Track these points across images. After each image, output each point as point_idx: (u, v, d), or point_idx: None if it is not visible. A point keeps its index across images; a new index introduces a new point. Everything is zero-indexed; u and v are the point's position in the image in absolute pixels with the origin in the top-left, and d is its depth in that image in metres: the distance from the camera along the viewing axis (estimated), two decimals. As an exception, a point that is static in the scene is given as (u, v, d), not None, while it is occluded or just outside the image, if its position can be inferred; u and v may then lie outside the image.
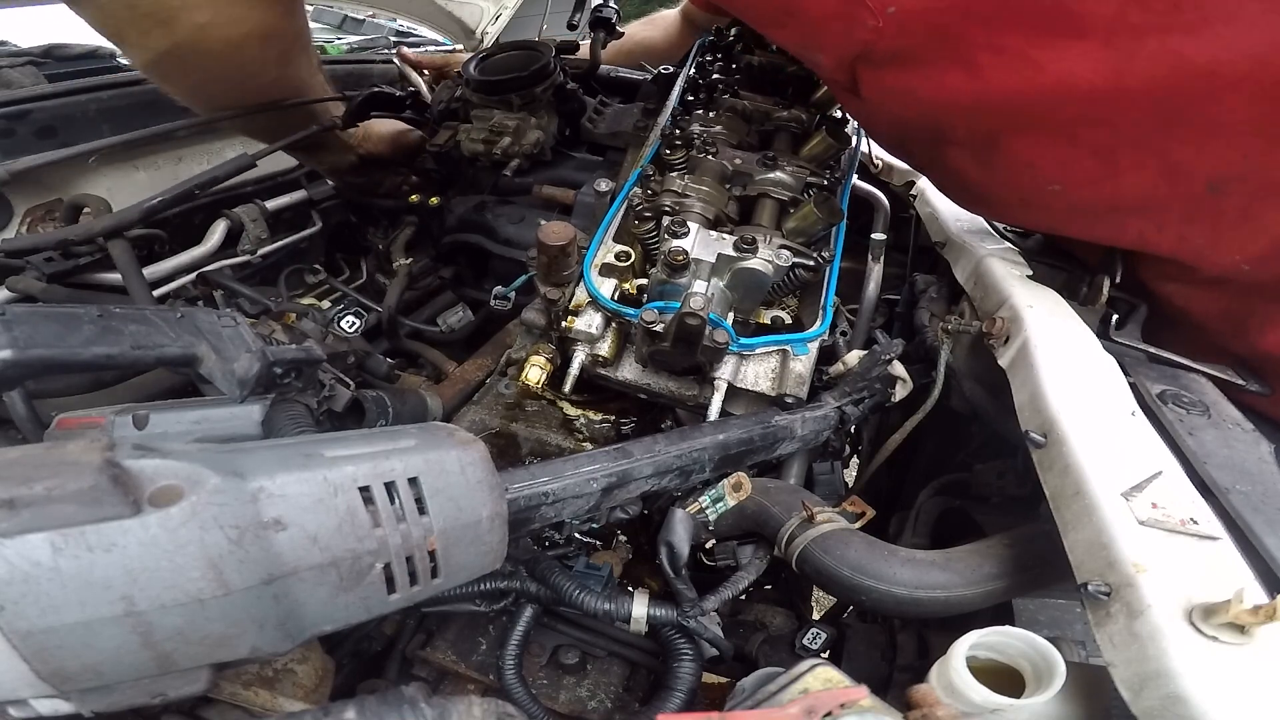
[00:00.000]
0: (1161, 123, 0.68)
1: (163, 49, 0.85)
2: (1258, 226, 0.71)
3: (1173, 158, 0.70)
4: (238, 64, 0.92)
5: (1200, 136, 0.68)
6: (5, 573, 0.35)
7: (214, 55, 0.88)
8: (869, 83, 0.81)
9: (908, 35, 0.73)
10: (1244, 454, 0.63)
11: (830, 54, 0.82)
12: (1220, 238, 0.74)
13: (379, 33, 2.41)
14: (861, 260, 1.12)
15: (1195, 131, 0.68)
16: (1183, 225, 0.75)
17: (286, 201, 1.33)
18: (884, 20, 0.72)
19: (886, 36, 0.73)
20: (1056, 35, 0.68)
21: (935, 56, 0.74)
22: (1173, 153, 0.70)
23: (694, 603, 0.73)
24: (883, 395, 0.85)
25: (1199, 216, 0.74)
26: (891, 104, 0.83)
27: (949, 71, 0.74)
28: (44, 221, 1.03)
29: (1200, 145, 0.68)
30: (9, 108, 1.03)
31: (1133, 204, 0.76)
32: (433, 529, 0.49)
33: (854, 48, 0.77)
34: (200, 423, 0.63)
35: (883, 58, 0.77)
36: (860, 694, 0.44)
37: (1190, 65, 0.64)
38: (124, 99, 1.15)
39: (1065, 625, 0.71)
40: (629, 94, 1.52)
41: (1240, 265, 0.73)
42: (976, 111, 0.76)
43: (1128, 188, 0.74)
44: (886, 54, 0.76)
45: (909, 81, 0.78)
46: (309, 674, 0.62)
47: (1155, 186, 0.73)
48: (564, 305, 0.85)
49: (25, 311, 0.60)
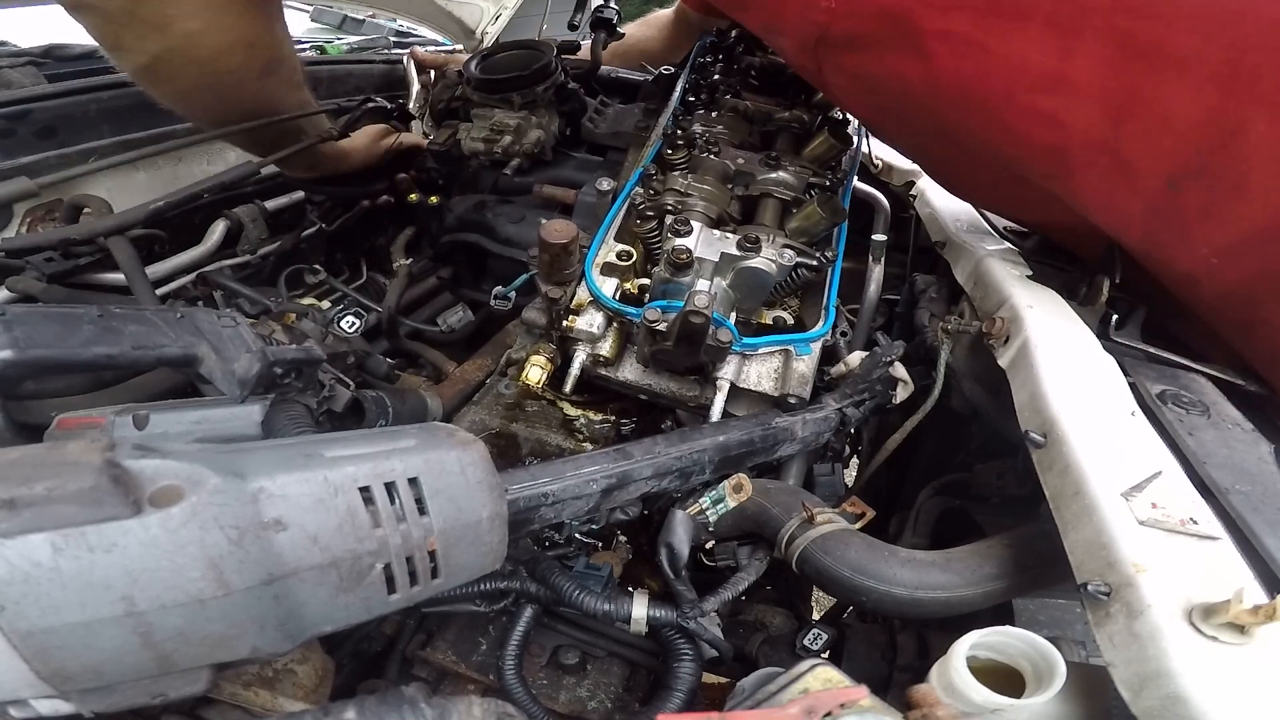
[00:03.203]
0: (1112, 120, 0.67)
1: (156, 53, 0.89)
2: (1222, 221, 0.69)
3: (1125, 155, 0.69)
4: (224, 70, 0.97)
5: (1151, 131, 0.66)
6: (5, 573, 0.35)
7: (201, 61, 0.93)
8: (831, 67, 0.81)
9: (859, 19, 0.72)
10: (1244, 454, 0.63)
11: (792, 37, 0.82)
12: (1187, 234, 0.72)
13: (379, 33, 2.40)
14: (862, 261, 1.12)
15: (1145, 126, 0.66)
16: (1147, 223, 0.73)
17: (286, 201, 1.33)
18: (836, 2, 0.71)
19: (839, 18, 0.72)
20: (1003, 17, 0.66)
21: (887, 40, 0.73)
22: (1124, 150, 0.68)
23: (694, 604, 0.73)
24: (884, 397, 0.85)
25: (1162, 213, 0.72)
26: (856, 88, 0.83)
27: (901, 56, 0.73)
28: (44, 221, 1.03)
29: (1152, 141, 0.67)
30: (9, 108, 1.03)
31: (1095, 201, 0.75)
32: (433, 529, 0.49)
33: (812, 30, 0.77)
34: (200, 423, 0.63)
35: (839, 41, 0.76)
36: (860, 694, 0.44)
37: (1136, 45, 0.62)
38: (124, 99, 1.15)
39: (1065, 625, 0.71)
40: (630, 94, 1.52)
41: (1209, 259, 0.72)
42: (929, 98, 0.75)
43: (1085, 184, 0.73)
44: (842, 37, 0.75)
45: (865, 66, 0.77)
46: (309, 674, 0.62)
47: (1113, 185, 0.71)
48: (565, 304, 0.85)
49: (25, 311, 0.60)
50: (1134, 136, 0.67)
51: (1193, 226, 0.71)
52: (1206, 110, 0.63)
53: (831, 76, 0.82)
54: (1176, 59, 0.62)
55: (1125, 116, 0.66)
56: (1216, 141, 0.64)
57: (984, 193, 0.97)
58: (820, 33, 0.76)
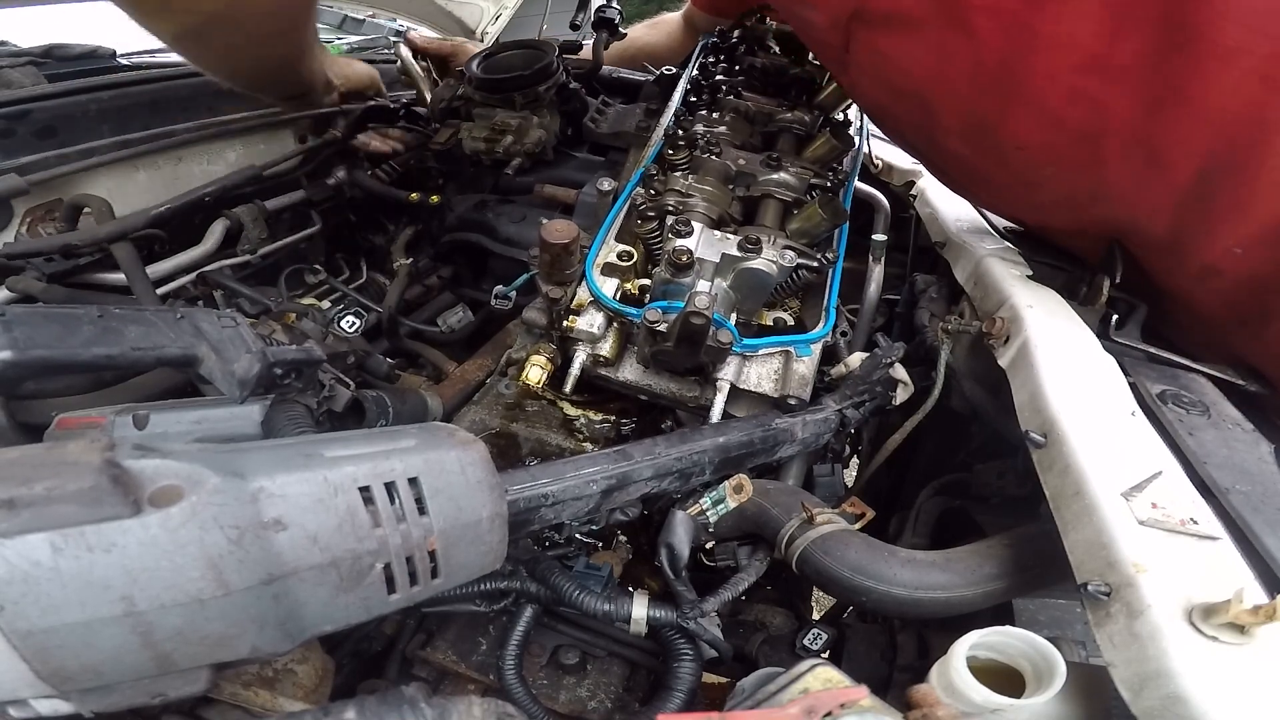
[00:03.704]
0: (1149, 107, 0.66)
1: (211, 11, 0.90)
2: (1251, 213, 0.69)
3: (1159, 144, 0.68)
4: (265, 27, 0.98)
5: (1187, 121, 0.66)
6: (5, 573, 0.35)
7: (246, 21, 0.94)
8: (863, 45, 0.79)
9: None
10: (1244, 454, 0.63)
11: (824, 11, 0.80)
12: (1214, 225, 0.72)
13: (379, 33, 2.40)
14: (861, 261, 1.12)
15: (1182, 115, 0.65)
16: (1176, 213, 0.73)
17: (286, 201, 1.33)
18: None
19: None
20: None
21: (930, 17, 0.72)
22: (1159, 138, 0.68)
23: (694, 604, 0.73)
24: (884, 398, 0.85)
25: (1191, 204, 0.71)
26: (881, 70, 0.81)
27: (944, 33, 0.71)
28: (44, 222, 1.03)
29: (1187, 131, 0.66)
30: (9, 108, 1.02)
31: (1124, 191, 0.74)
32: (433, 529, 0.49)
33: (849, 3, 0.75)
34: (200, 423, 0.63)
35: (876, 17, 0.75)
36: (860, 694, 0.44)
37: (1185, 31, 0.61)
38: (124, 99, 1.15)
39: (1065, 625, 0.71)
40: (631, 95, 1.52)
41: (1233, 250, 0.72)
42: (965, 79, 0.73)
43: (1117, 173, 0.72)
44: (880, 13, 0.74)
45: (900, 44, 0.75)
46: (309, 674, 0.62)
47: (1145, 174, 0.71)
48: (566, 304, 0.85)
49: (25, 312, 0.60)
50: (1170, 125, 0.67)
51: (1221, 218, 0.70)
52: (1245, 103, 0.63)
53: (859, 55, 0.80)
54: (1223, 49, 0.61)
55: (1163, 104, 0.66)
56: (1255, 135, 0.64)
57: (990, 193, 0.96)
58: (857, 7, 0.74)
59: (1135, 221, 0.76)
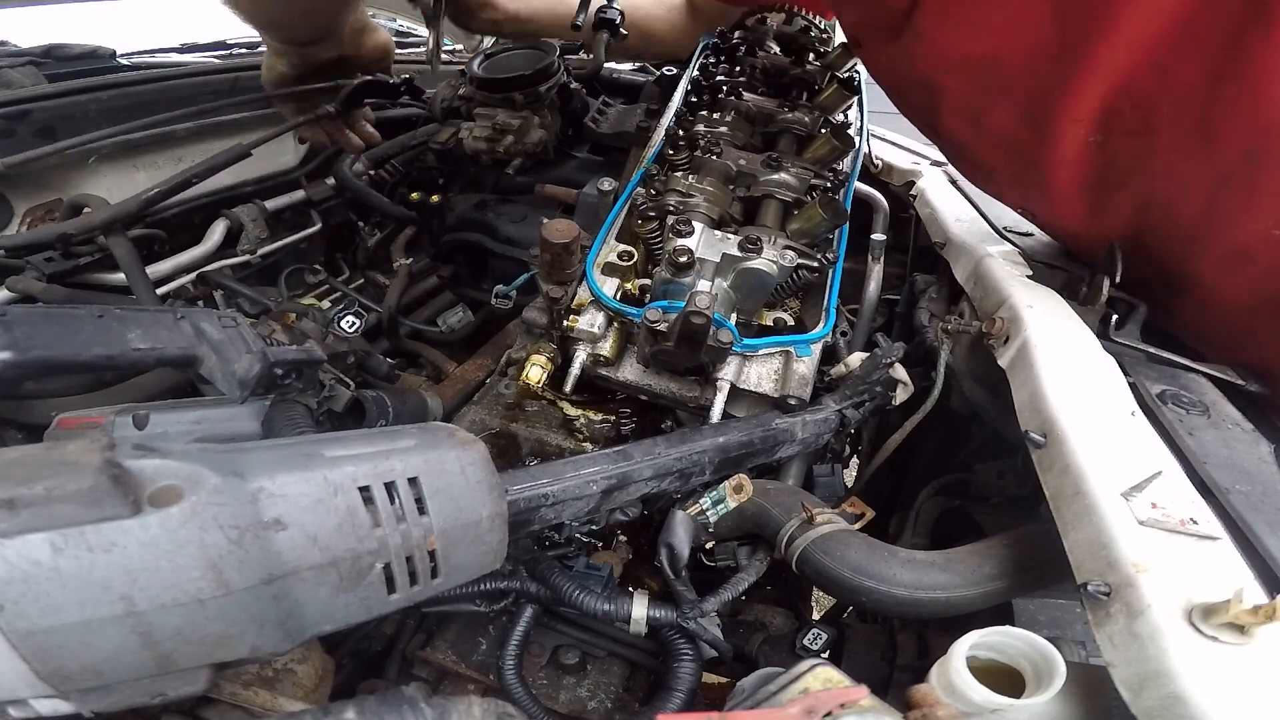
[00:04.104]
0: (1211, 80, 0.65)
1: None
2: None
3: (1212, 118, 0.67)
4: None
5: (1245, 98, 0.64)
6: (5, 573, 0.35)
7: None
8: (931, 8, 0.77)
9: None
10: (1244, 454, 0.63)
11: None
12: (1253, 206, 0.70)
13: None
14: (861, 261, 1.12)
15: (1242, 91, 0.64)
16: (1214, 191, 0.72)
17: (286, 201, 1.33)
18: None
19: None
20: None
21: None
22: (1213, 113, 0.66)
23: (694, 604, 0.73)
24: (884, 399, 0.85)
25: (1233, 182, 0.70)
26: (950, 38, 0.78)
27: None
28: (44, 221, 1.03)
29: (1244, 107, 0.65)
30: (9, 108, 1.03)
31: (1166, 164, 0.73)
32: (433, 529, 0.49)
33: None
34: (200, 423, 0.63)
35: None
36: (860, 694, 0.44)
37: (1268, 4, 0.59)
38: (124, 99, 1.15)
39: (1065, 625, 0.71)
40: (632, 95, 1.53)
41: (1270, 232, 0.70)
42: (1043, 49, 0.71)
43: (1165, 144, 0.71)
44: None
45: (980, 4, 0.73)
46: (309, 674, 0.62)
47: (1191, 148, 0.70)
48: (566, 304, 0.85)
49: (25, 312, 0.60)
50: (1227, 100, 0.65)
51: (1261, 199, 0.69)
52: None
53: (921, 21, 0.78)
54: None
55: (1226, 78, 0.65)
56: None
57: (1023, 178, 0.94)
58: None
59: (1169, 200, 0.75)
